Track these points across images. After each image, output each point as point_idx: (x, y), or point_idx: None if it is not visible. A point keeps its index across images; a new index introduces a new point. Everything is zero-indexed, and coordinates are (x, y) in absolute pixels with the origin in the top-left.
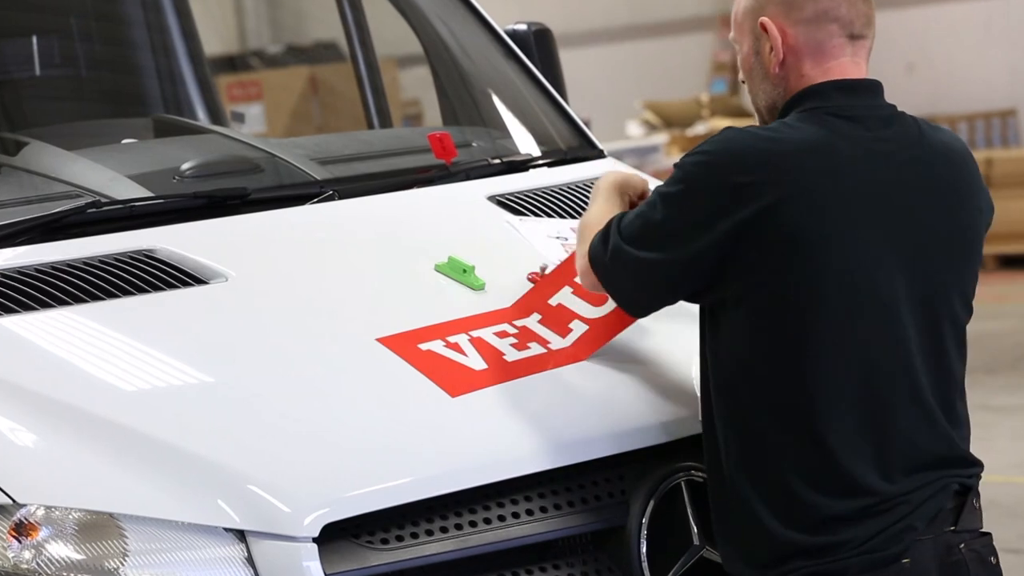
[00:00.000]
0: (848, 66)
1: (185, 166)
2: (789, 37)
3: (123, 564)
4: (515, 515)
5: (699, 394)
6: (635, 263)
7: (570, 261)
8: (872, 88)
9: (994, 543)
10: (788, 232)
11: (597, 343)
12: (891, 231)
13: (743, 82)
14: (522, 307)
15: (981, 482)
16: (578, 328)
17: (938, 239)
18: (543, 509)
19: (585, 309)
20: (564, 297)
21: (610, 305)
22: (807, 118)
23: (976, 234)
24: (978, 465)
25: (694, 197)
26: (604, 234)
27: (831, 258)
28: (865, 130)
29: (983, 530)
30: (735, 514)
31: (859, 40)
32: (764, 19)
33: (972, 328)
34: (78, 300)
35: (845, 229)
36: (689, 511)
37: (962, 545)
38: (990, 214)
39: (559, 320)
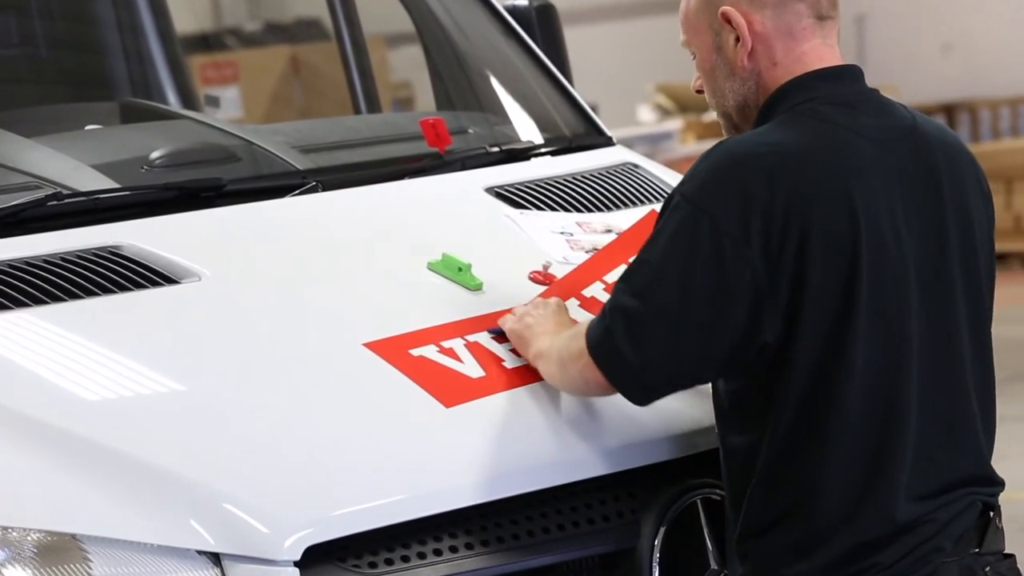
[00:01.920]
0: (822, 50)
1: (154, 155)
2: (755, 24)
3: None
4: (515, 536)
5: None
6: (656, 327)
7: (578, 269)
8: (856, 74)
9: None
10: (820, 244)
11: None
12: (910, 225)
13: (699, 91)
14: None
15: (1005, 499)
16: None
17: (953, 233)
18: (546, 530)
19: None
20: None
21: None
22: (800, 114)
23: (990, 224)
24: (1000, 484)
25: (706, 229)
26: (600, 320)
27: (862, 264)
28: (866, 117)
29: (1006, 551)
30: (757, 546)
31: (827, 21)
32: (726, 8)
33: (995, 333)
34: (37, 301)
35: (871, 228)
36: (706, 532)
37: (987, 568)
38: (992, 205)
39: None
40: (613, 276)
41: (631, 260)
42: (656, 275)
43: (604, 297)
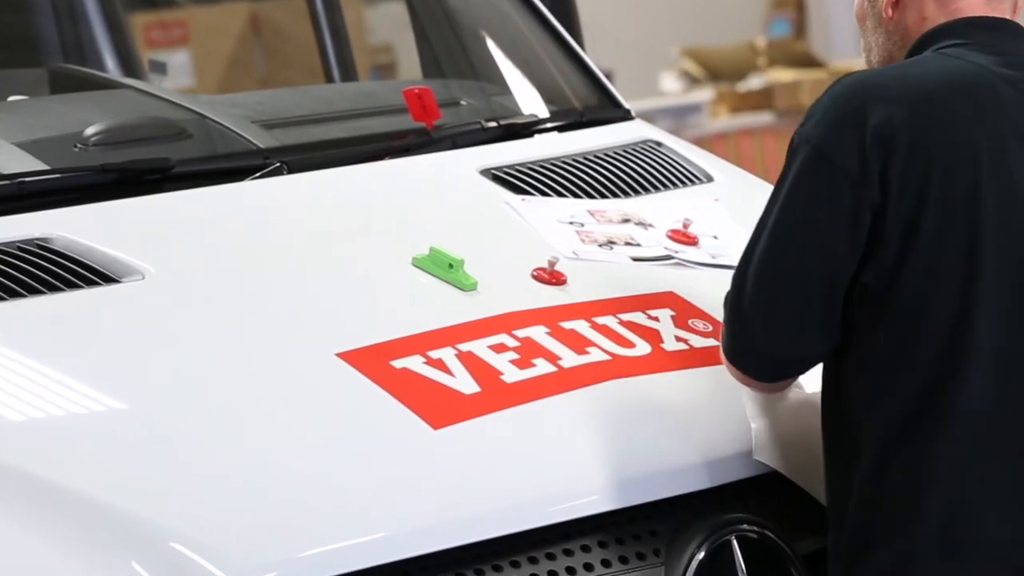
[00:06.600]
0: (981, 7)
1: (90, 131)
2: None
3: None
4: None
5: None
6: (764, 287)
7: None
8: (1018, 31)
9: None
10: (939, 186)
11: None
12: None
13: (869, 61)
14: (528, 316)
15: None
16: (597, 355)
17: None
18: (552, 574)
19: (608, 345)
20: (578, 325)
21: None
22: (942, 55)
23: None
24: None
25: (825, 171)
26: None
27: (984, 216)
28: (1019, 72)
29: None
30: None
31: None
32: None
33: None
34: None
35: (999, 178)
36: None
37: None
38: None
39: (574, 337)
40: None
41: None
42: (774, 234)
43: None
